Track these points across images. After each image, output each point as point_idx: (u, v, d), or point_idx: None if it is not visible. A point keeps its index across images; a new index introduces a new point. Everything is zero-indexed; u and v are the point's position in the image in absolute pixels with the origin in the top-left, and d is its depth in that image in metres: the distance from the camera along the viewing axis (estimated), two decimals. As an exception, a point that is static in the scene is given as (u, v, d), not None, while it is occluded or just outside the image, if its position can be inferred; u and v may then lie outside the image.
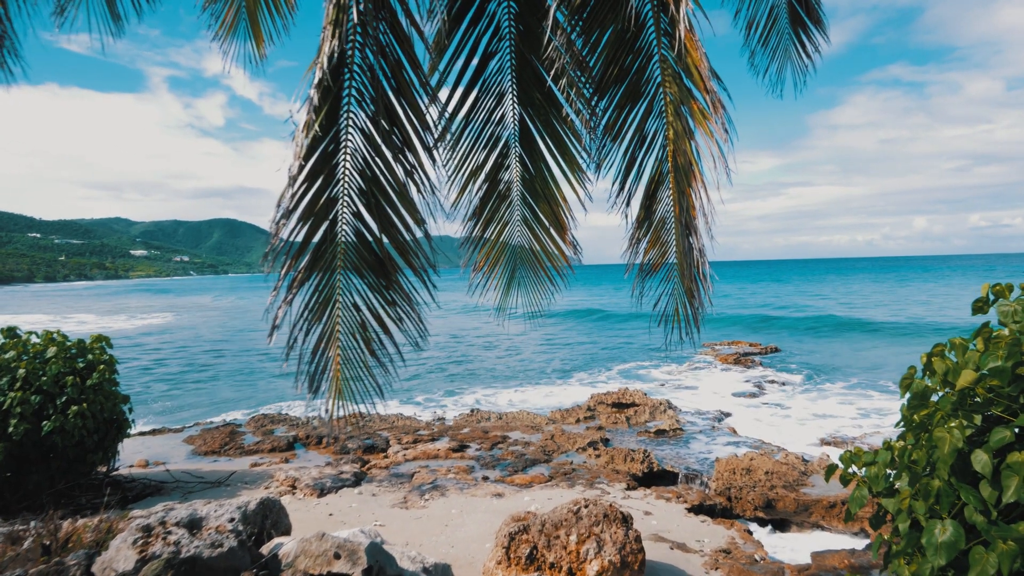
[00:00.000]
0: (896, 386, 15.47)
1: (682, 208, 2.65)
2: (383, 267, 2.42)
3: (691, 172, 2.63)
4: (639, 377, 18.43)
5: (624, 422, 11.97)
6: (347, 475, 8.66)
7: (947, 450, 2.19)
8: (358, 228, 2.42)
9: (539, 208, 3.20)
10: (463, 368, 20.68)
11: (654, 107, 2.81)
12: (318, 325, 2.37)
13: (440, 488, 7.92)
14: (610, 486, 7.63)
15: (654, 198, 2.88)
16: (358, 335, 2.45)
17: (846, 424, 12.09)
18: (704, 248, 2.59)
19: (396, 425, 12.17)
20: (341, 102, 2.34)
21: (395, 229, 2.42)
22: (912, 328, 27.03)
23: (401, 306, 2.45)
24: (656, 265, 2.91)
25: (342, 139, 2.37)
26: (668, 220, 2.84)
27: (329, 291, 2.40)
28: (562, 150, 3.08)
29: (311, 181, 2.32)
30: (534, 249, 3.29)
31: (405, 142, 2.43)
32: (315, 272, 2.36)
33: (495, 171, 3.24)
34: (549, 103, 3.04)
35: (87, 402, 7.44)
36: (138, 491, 8.43)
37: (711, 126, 2.54)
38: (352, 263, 2.42)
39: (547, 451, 9.74)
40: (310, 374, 2.35)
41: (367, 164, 2.41)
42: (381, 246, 2.41)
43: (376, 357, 2.47)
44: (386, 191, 2.42)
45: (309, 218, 2.32)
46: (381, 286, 2.44)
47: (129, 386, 18.14)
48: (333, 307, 2.40)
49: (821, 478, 7.76)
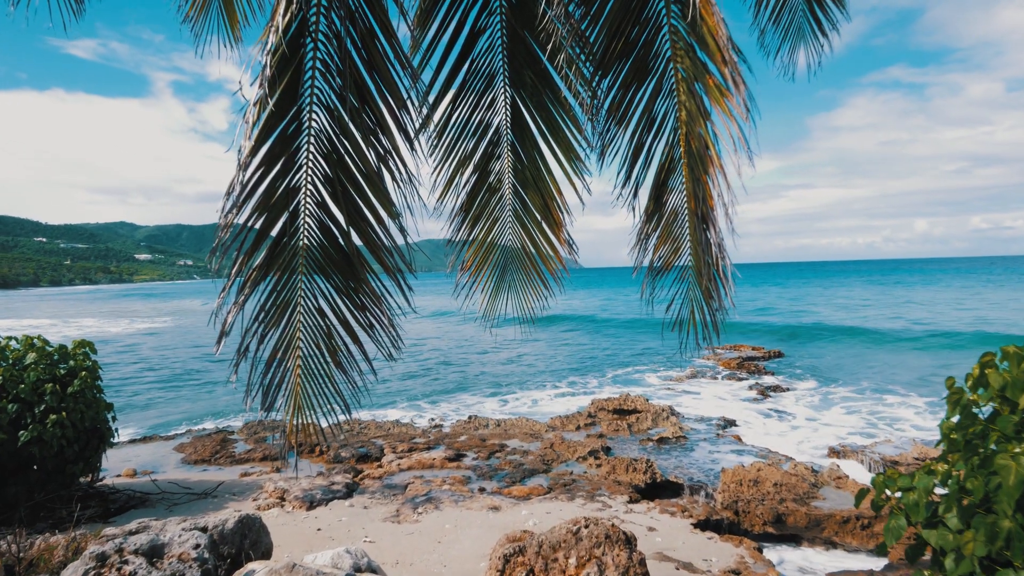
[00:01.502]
0: (906, 392, 15.12)
1: (697, 198, 2.32)
2: (351, 266, 2.09)
3: (707, 157, 2.30)
4: (640, 382, 18.07)
5: (626, 429, 11.62)
6: (338, 486, 8.31)
7: (1012, 481, 1.86)
8: (323, 221, 2.10)
9: (531, 201, 2.87)
10: (462, 373, 20.33)
11: (663, 85, 2.49)
12: (275, 331, 2.05)
13: (435, 500, 7.58)
14: (612, 499, 7.28)
15: (664, 188, 2.55)
16: (322, 344, 2.12)
17: (855, 432, 11.73)
18: (723, 243, 2.26)
19: (391, 433, 11.82)
20: (303, 76, 2.02)
21: (365, 223, 2.10)
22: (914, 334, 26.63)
23: (372, 311, 2.13)
24: (668, 263, 2.59)
25: (304, 118, 2.05)
26: (681, 212, 2.52)
27: (289, 293, 2.07)
28: (558, 137, 2.76)
29: (268, 166, 2.00)
30: (526, 247, 2.96)
31: (378, 122, 2.11)
32: (272, 271, 2.04)
33: (485, 161, 2.92)
34: (544, 84, 2.73)
35: (67, 411, 7.11)
36: (122, 503, 8.09)
37: (730, 104, 2.22)
38: (316, 261, 2.10)
39: (546, 460, 9.40)
40: (264, 388, 2.02)
41: (334, 148, 2.09)
42: (350, 242, 2.08)
43: (343, 369, 2.14)
44: (355, 179, 2.10)
45: (265, 209, 2.00)
46: (349, 288, 2.11)
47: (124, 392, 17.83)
48: (293, 311, 2.08)
49: (832, 490, 7.40)
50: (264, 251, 2.02)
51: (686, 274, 2.58)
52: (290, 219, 2.05)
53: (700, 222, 2.38)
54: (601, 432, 11.35)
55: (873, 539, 5.92)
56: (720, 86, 2.28)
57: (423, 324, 38.68)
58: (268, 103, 1.90)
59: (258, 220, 1.99)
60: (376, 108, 2.10)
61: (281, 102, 1.96)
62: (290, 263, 2.06)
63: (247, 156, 1.89)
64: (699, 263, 2.44)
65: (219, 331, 1.93)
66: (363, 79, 2.07)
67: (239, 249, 1.95)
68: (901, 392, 15.33)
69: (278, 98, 1.95)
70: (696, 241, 2.44)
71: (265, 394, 2.01)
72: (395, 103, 2.11)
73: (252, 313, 2.02)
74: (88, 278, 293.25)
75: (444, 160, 2.92)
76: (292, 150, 2.05)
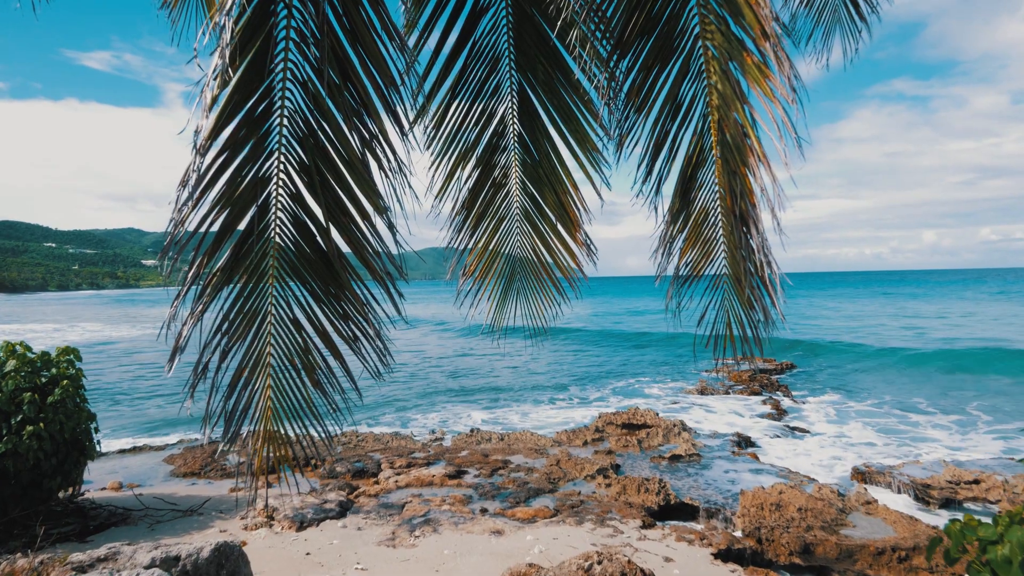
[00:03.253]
0: (928, 409, 14.56)
1: (734, 194, 2.00)
2: (331, 269, 1.78)
3: (745, 146, 1.98)
4: (647, 395, 17.60)
5: (635, 445, 11.18)
6: (331, 505, 7.94)
7: None
8: (298, 216, 1.79)
9: (543, 198, 2.56)
10: (463, 384, 19.94)
11: (691, 66, 2.18)
12: (241, 346, 1.73)
13: (433, 522, 7.19)
14: (623, 523, 6.87)
15: (693, 183, 2.23)
16: (298, 360, 1.80)
17: (878, 450, 11.23)
18: (768, 246, 1.93)
19: (390, 446, 11.44)
20: (274, 47, 1.73)
21: (348, 218, 1.79)
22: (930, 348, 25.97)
23: (356, 321, 1.81)
24: (697, 270, 2.26)
25: (276, 97, 1.75)
26: (713, 211, 2.20)
27: (257, 300, 1.76)
28: (572, 125, 2.46)
29: (233, 152, 1.70)
30: (536, 249, 2.64)
31: (362, 102, 1.81)
32: (238, 275, 1.73)
33: (489, 153, 2.62)
34: (555, 67, 2.42)
35: (45, 422, 6.80)
36: (102, 520, 7.73)
37: (772, 85, 1.90)
38: (289, 264, 1.79)
39: (552, 478, 8.98)
40: (228, 413, 1.70)
41: (311, 131, 1.79)
42: (329, 241, 1.77)
43: (322, 389, 1.82)
44: (336, 167, 1.79)
45: (229, 202, 1.69)
46: (329, 294, 1.80)
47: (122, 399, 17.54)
48: (263, 322, 1.76)
49: (862, 516, 6.96)
50: (228, 251, 1.71)
51: (720, 282, 2.25)
52: (259, 214, 1.74)
53: (738, 222, 2.05)
54: (610, 448, 10.93)
55: (912, 574, 5.49)
56: (760, 64, 1.97)
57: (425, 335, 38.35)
58: (231, 76, 1.61)
59: (220, 215, 1.68)
60: (360, 85, 1.80)
61: (248, 77, 1.67)
62: (259, 266, 1.75)
63: (206, 139, 1.59)
64: (737, 269, 2.11)
65: (172, 346, 1.61)
66: (345, 52, 1.78)
67: (197, 249, 1.64)
68: (923, 408, 14.80)
69: (245, 72, 1.65)
70: (733, 244, 2.12)
71: (228, 421, 1.68)
72: (382, 80, 1.81)
73: (213, 324, 1.70)
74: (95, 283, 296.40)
75: (443, 153, 2.62)
76: (262, 134, 1.75)
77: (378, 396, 17.70)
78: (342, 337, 1.81)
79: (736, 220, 2.08)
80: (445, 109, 2.57)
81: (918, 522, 6.93)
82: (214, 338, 1.68)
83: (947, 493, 8.44)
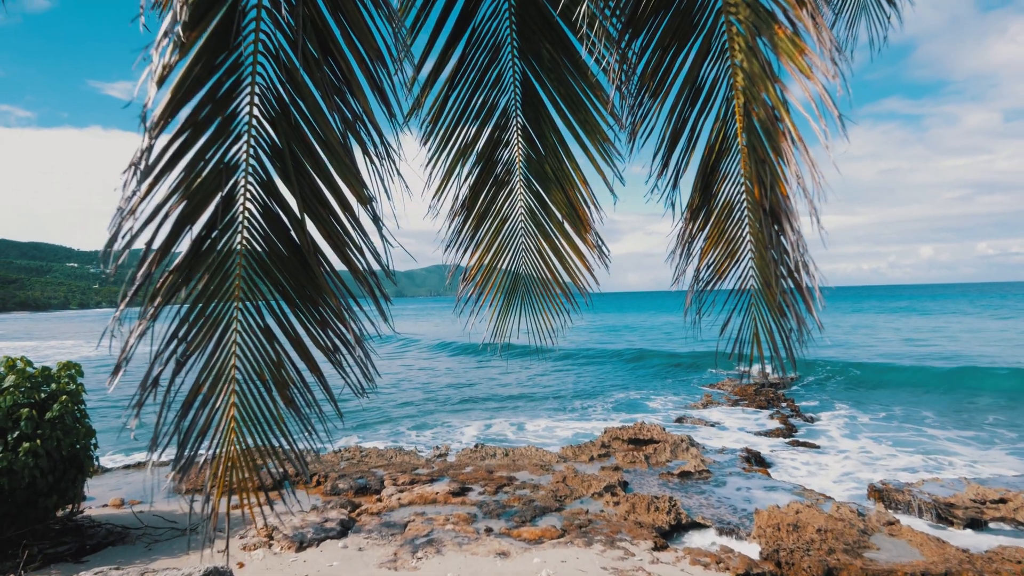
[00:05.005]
0: (941, 424, 14.12)
1: (763, 185, 1.77)
2: (308, 268, 1.55)
3: (777, 130, 1.75)
4: (652, 410, 17.23)
5: (643, 461, 10.84)
6: (332, 524, 7.65)
7: None
8: (269, 207, 1.57)
9: (550, 195, 2.33)
10: (467, 399, 19.62)
11: (712, 45, 1.97)
12: (200, 357, 1.49)
13: (436, 543, 6.88)
14: (634, 544, 6.54)
15: (715, 175, 2.00)
16: (268, 374, 1.56)
17: (893, 466, 10.84)
18: (803, 242, 1.69)
19: (393, 462, 11.14)
20: (243, 15, 1.52)
21: (327, 209, 1.56)
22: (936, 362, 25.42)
23: (336, 329, 1.57)
24: (720, 271, 2.02)
25: (245, 71, 1.54)
26: (738, 206, 1.96)
27: (221, 305, 1.53)
28: (580, 115, 2.24)
29: (194, 132, 1.48)
30: (543, 252, 2.41)
31: (345, 78, 1.59)
32: (198, 275, 1.50)
33: (490, 149, 2.40)
34: (560, 51, 2.21)
35: (42, 438, 6.58)
36: (99, 539, 7.48)
37: (810, 61, 1.68)
38: (259, 262, 1.56)
39: (559, 496, 8.66)
40: (181, 436, 1.46)
41: (285, 111, 1.57)
42: (305, 236, 1.54)
43: (295, 409, 1.58)
44: (314, 152, 1.57)
45: (188, 190, 1.47)
46: (305, 298, 1.57)
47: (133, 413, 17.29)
48: (227, 330, 1.53)
49: (885, 537, 6.60)
50: (187, 248, 1.49)
51: (746, 285, 2.01)
52: (224, 205, 1.52)
53: (768, 217, 1.82)
54: (617, 464, 10.59)
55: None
56: (793, 37, 1.75)
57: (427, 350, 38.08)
58: (190, 50, 1.40)
59: (177, 206, 1.46)
60: (342, 60, 1.59)
61: (212, 46, 1.46)
62: (223, 264, 1.53)
63: (161, 114, 1.38)
64: (766, 272, 1.87)
65: (118, 358, 1.38)
66: (325, 21, 1.57)
67: (149, 244, 1.42)
68: (936, 423, 14.36)
69: (208, 41, 1.44)
70: (762, 242, 1.88)
71: (182, 445, 1.44)
72: (368, 54, 1.60)
73: (167, 331, 1.47)
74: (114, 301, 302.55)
75: (441, 148, 2.41)
76: (228, 113, 1.53)
77: (379, 411, 17.41)
78: (319, 347, 1.57)
79: (766, 215, 1.84)
80: (443, 101, 2.36)
81: (947, 545, 6.56)
82: (167, 347, 1.45)
83: (972, 512, 8.04)
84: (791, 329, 1.92)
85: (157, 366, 1.43)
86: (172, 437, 1.43)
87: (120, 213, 1.38)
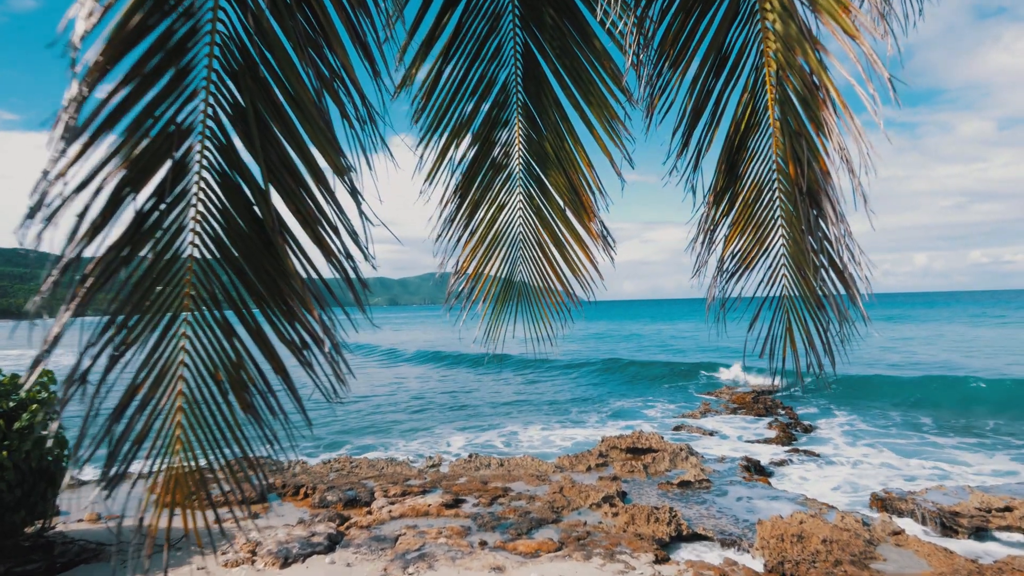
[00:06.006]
0: (939, 430, 13.96)
1: (799, 162, 1.55)
2: (272, 249, 1.31)
3: (816, 99, 1.54)
4: (648, 418, 16.99)
5: (641, 471, 10.58)
6: (319, 538, 7.32)
7: None
8: (228, 176, 1.33)
9: (551, 180, 2.11)
10: (461, 407, 19.29)
11: (740, 6, 1.76)
12: (140, 352, 1.25)
13: (428, 557, 6.58)
14: (634, 557, 6.27)
15: (742, 152, 1.78)
16: (223, 374, 1.32)
17: (895, 474, 10.65)
18: (847, 224, 1.47)
19: (384, 472, 10.82)
20: (202, -50, 1.29)
21: (295, 180, 1.33)
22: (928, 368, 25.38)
23: (304, 322, 1.33)
24: (747, 260, 1.80)
25: (204, 16, 1.31)
26: (768, 186, 1.74)
27: (168, 290, 1.28)
28: (586, 90, 2.02)
29: (140, 86, 1.24)
30: (542, 243, 2.17)
31: (321, 28, 1.36)
32: (141, 253, 1.25)
33: (488, 128, 2.18)
34: (566, 17, 2.00)
35: (9, 449, 6.24)
36: (72, 556, 7.11)
37: (857, 20, 1.47)
38: (215, 241, 1.32)
39: (555, 507, 8.38)
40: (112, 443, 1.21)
41: (250, 64, 1.34)
42: (269, 210, 1.30)
43: (255, 414, 1.33)
44: (283, 113, 1.34)
45: (132, 156, 1.23)
46: (269, 284, 1.32)
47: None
48: (173, 320, 1.28)
49: (891, 548, 6.38)
50: (130, 221, 1.24)
51: (777, 276, 1.79)
52: (175, 172, 1.28)
53: (805, 197, 1.60)
54: (615, 474, 10.32)
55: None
56: (835, -7, 1.54)
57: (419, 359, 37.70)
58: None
59: (118, 171, 1.22)
60: (319, 6, 1.36)
61: (160, -16, 1.22)
62: (172, 243, 1.28)
63: (100, 59, 1.14)
64: (801, 260, 1.65)
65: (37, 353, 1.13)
66: (298, -40, 1.34)
67: (81, 215, 1.18)
68: (936, 430, 14.22)
69: (156, -23, 1.21)
70: (796, 227, 1.66)
71: (112, 455, 1.19)
72: (349, 1, 1.37)
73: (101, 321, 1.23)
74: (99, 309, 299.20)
75: (433, 128, 2.18)
76: (182, 66, 1.29)
77: (370, 421, 17.06)
78: (285, 342, 1.33)
79: (802, 196, 1.62)
80: (437, 75, 2.13)
81: (954, 555, 6.36)
82: (100, 338, 1.20)
83: (977, 521, 7.85)
84: (828, 324, 1.70)
85: (87, 359, 1.18)
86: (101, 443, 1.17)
87: (46, 177, 1.14)
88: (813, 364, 1.77)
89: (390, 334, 60.91)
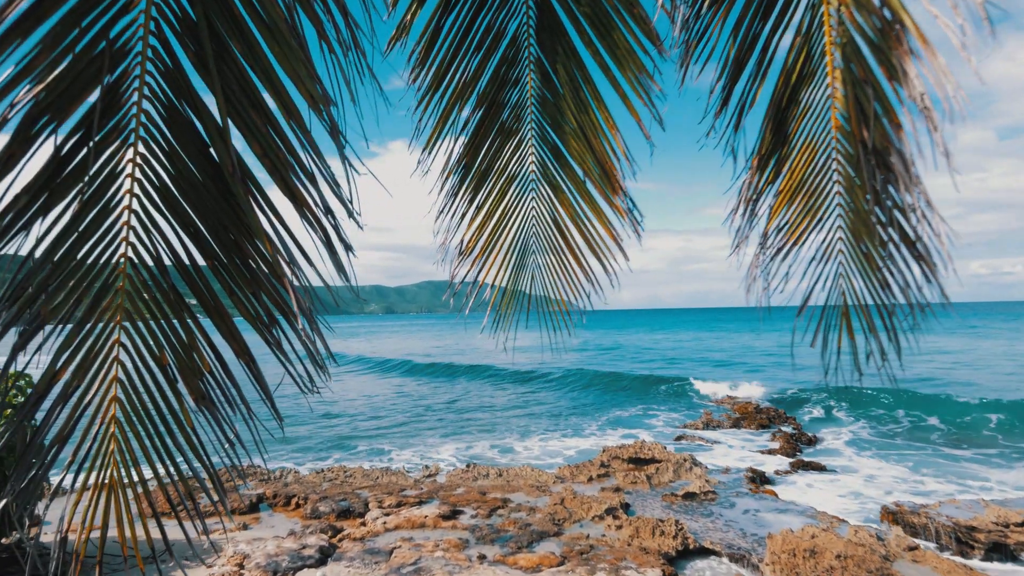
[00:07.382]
0: (949, 441, 13.67)
1: (864, 116, 1.29)
2: (231, 200, 1.04)
3: (890, 38, 1.29)
4: (652, 428, 16.67)
5: (645, 482, 10.26)
6: (311, 550, 6.97)
7: None
8: (176, 109, 1.06)
9: (568, 147, 1.84)
10: (460, 414, 18.93)
11: (793, -64, 1.51)
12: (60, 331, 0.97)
13: (424, 571, 6.24)
14: (640, 572, 5.95)
15: (793, 107, 1.53)
16: (170, 357, 1.04)
17: (905, 487, 10.35)
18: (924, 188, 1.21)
19: (379, 482, 10.47)
20: None
21: (260, 113, 1.05)
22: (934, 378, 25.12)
23: (272, 292, 1.05)
24: (795, 234, 1.54)
25: (148, -90, 1.05)
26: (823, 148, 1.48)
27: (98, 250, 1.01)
28: (609, 39, 1.76)
29: None
30: (559, 219, 1.91)
31: (296, -69, 1.10)
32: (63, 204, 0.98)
33: (495, 88, 1.92)
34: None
35: (-19, 458, 5.91)
36: (53, 567, 6.76)
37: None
38: (159, 189, 1.05)
39: (557, 519, 8.05)
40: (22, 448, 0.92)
41: (207, -28, 1.07)
42: (227, 151, 1.03)
43: (212, 410, 1.05)
44: (245, 31, 1.07)
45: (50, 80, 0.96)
46: (228, 244, 1.05)
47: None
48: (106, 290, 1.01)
49: (908, 564, 6.08)
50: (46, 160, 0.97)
51: (832, 251, 1.52)
52: (106, 101, 1.01)
53: (871, 158, 1.34)
54: (617, 485, 10.00)
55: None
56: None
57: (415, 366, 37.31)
58: None
59: (30, 94, 0.95)
60: (293, -96, 1.10)
61: None
62: (104, 190, 1.01)
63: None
64: (863, 231, 1.39)
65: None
66: None
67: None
68: (945, 441, 13.92)
69: None
70: (859, 194, 1.40)
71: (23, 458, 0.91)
72: (330, -102, 1.11)
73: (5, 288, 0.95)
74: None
75: (433, 89, 1.92)
76: (120, -30, 1.03)
77: (366, 429, 16.69)
78: (248, 318, 1.06)
79: (867, 155, 1.36)
80: (437, 26, 1.87)
81: (974, 572, 6.06)
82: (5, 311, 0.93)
83: (995, 536, 7.53)
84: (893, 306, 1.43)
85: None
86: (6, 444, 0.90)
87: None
88: (875, 354, 1.50)
89: (386, 342, 60.38)
